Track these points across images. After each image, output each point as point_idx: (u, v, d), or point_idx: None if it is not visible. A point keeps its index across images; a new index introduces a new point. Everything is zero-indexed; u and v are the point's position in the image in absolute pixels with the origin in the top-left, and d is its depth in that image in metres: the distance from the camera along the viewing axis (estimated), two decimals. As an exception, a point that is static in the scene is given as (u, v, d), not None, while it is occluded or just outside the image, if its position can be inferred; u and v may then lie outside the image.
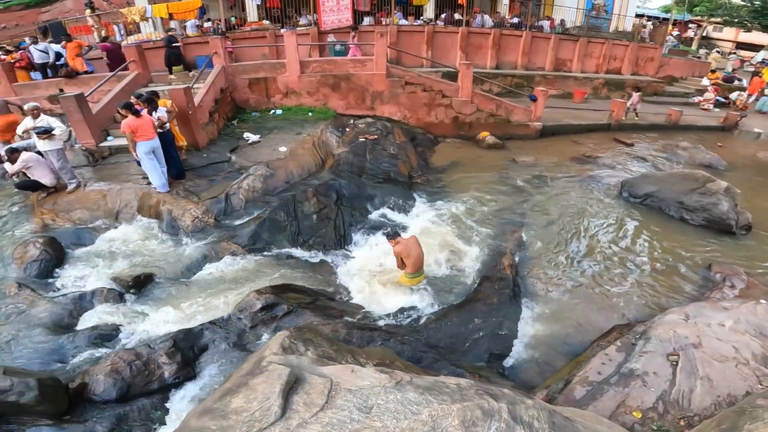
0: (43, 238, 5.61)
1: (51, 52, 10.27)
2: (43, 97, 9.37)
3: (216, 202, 6.29)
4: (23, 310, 4.63)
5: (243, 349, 4.13)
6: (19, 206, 6.64)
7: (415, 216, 6.92)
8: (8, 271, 5.31)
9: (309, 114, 9.54)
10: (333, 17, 12.59)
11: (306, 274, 5.39)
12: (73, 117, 7.14)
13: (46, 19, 21.49)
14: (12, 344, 4.20)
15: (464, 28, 13.71)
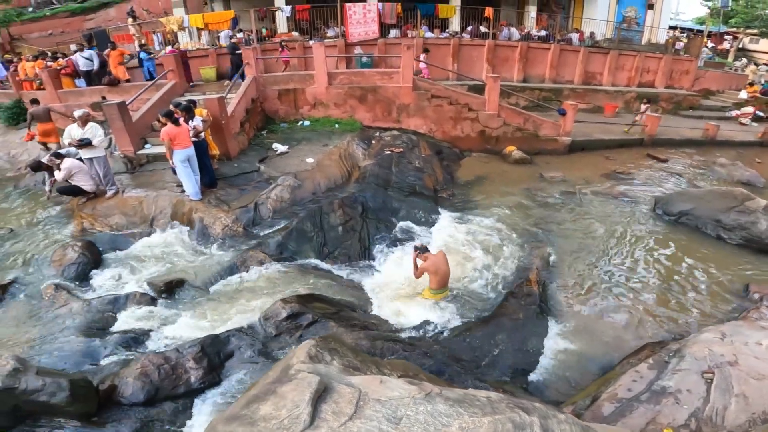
0: (81, 242, 5.94)
1: (95, 60, 10.89)
2: (86, 104, 9.83)
3: (245, 212, 6.53)
4: (59, 311, 4.89)
5: (268, 356, 4.24)
6: (60, 210, 7.09)
7: (440, 230, 6.96)
8: (46, 272, 5.62)
9: (336, 126, 9.79)
10: (360, 29, 12.95)
11: (331, 284, 5.50)
12: (115, 124, 7.61)
13: (90, 26, 22.74)
14: (46, 344, 4.42)
15: (491, 41, 13.83)
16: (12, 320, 4.82)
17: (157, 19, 17.68)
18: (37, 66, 11.44)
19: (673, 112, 15.22)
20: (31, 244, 6.27)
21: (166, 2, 22.50)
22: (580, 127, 11.48)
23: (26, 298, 5.18)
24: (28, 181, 8.37)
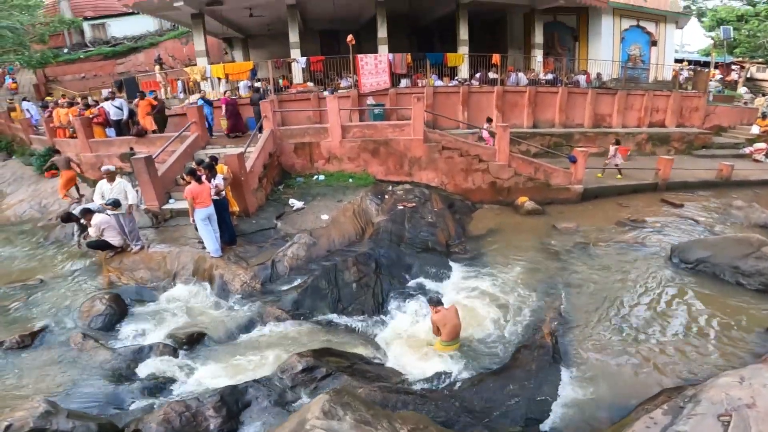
0: (108, 295, 6.65)
1: (125, 109, 11.80)
2: (115, 155, 10.84)
3: (263, 269, 7.21)
4: (86, 358, 5.47)
5: (283, 407, 4.70)
6: (89, 263, 7.89)
7: (452, 285, 7.46)
8: (75, 322, 6.30)
9: (350, 180, 10.51)
10: (372, 80, 13.98)
11: (345, 338, 6.03)
12: (142, 178, 8.41)
13: (120, 71, 24.92)
14: (74, 389, 4.94)
15: (499, 87, 14.67)
16: (41, 365, 5.40)
17: (181, 67, 19.41)
18: (71, 113, 12.47)
19: (685, 152, 15.74)
20: (61, 295, 7.00)
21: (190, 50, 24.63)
22: (592, 174, 12.02)
23: (56, 344, 5.82)
24: (59, 232, 9.30)
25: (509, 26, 19.28)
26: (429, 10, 16.98)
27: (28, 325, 6.20)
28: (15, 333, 5.86)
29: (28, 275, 7.71)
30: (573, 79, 16.48)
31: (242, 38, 20.59)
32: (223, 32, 19.07)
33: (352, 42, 13.11)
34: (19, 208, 11.32)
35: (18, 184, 12.97)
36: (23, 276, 7.70)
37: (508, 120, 14.36)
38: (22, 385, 5.00)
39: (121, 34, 27.86)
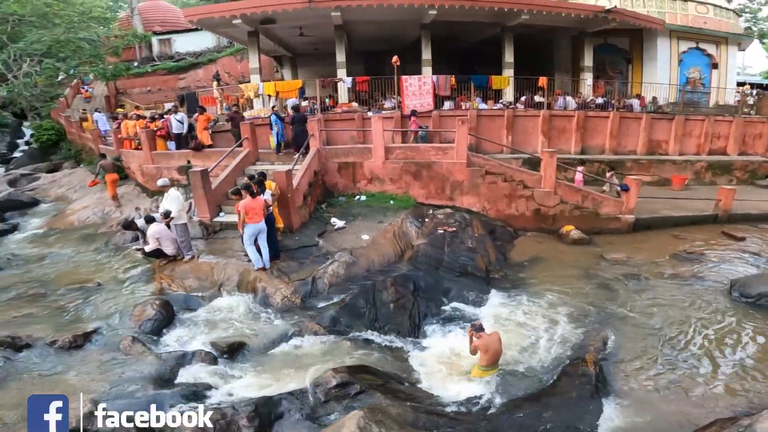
0: (159, 300, 7.13)
1: (185, 123, 12.62)
2: (174, 167, 11.67)
3: (303, 284, 7.54)
4: (133, 361, 5.82)
5: (314, 421, 4.85)
6: (144, 269, 8.49)
7: (490, 310, 7.48)
8: (126, 325, 6.76)
9: (391, 202, 10.74)
10: (415, 101, 14.16)
11: (379, 357, 6.17)
12: (197, 191, 9.02)
13: (182, 86, 26.64)
14: (119, 391, 5.15)
15: (546, 111, 14.51)
16: (90, 365, 5.76)
17: (236, 83, 20.61)
18: (138, 125, 13.48)
19: (748, 182, 14.96)
20: (116, 298, 7.58)
21: (244, 67, 26.13)
22: (644, 203, 11.61)
23: (105, 346, 6.21)
24: (118, 238, 10.10)
25: (556, 49, 19.22)
26: (472, 33, 17.22)
27: (82, 325, 6.68)
28: (69, 333, 6.29)
29: (87, 278, 8.38)
30: (626, 104, 16.09)
31: (291, 57, 21.56)
32: (275, 50, 20.01)
33: (396, 63, 13.50)
34: (83, 213, 12.32)
35: (84, 191, 14.14)
36: (82, 278, 8.38)
37: (554, 145, 14.18)
38: (70, 385, 5.29)
39: (184, 50, 29.88)
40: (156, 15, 31.40)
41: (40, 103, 21.97)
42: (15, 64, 19.73)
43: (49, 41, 19.95)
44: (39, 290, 7.95)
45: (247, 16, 13.29)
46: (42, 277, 8.60)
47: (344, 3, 12.86)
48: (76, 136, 19.22)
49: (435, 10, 13.41)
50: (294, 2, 12.89)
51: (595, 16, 14.95)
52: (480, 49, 18.79)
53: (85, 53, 21.41)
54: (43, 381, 5.36)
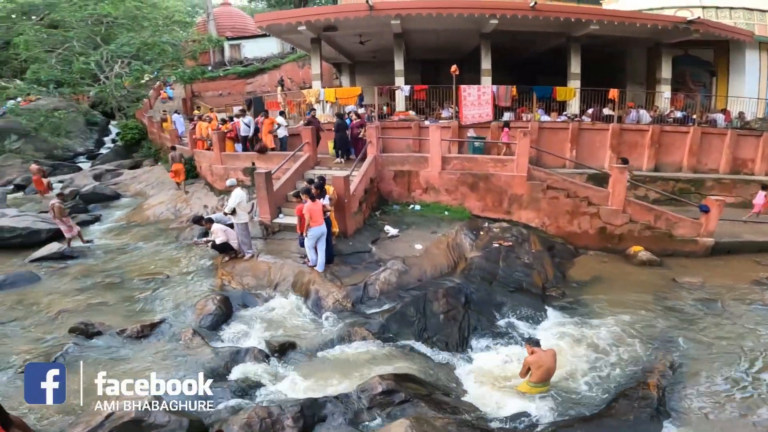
0: (219, 296, 7.54)
1: (251, 127, 13.25)
2: (239, 168, 12.33)
3: (355, 289, 7.68)
4: (191, 354, 6.15)
5: (356, 426, 4.91)
6: (209, 265, 8.97)
7: (545, 328, 7.28)
8: (188, 318, 7.18)
9: (445, 213, 10.65)
10: (474, 111, 13.93)
11: (426, 367, 6.14)
12: (260, 192, 9.51)
13: (249, 90, 28.06)
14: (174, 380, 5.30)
15: (615, 124, 13.78)
16: (153, 354, 6.19)
17: (298, 89, 21.39)
18: (210, 127, 14.40)
19: None
20: (181, 291, 8.08)
21: (305, 73, 27.08)
22: (726, 226, 10.70)
23: (169, 337, 6.63)
24: (187, 233, 10.80)
25: (629, 59, 18.19)
26: (535, 43, 16.76)
27: (149, 316, 7.17)
28: (137, 323, 6.78)
29: (157, 270, 9.00)
30: (708, 118, 14.90)
31: (350, 64, 21.95)
32: (335, 57, 20.48)
33: (456, 72, 13.38)
34: (158, 209, 13.27)
35: (160, 188, 15.29)
36: (153, 270, 9.02)
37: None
38: (133, 373, 5.64)
39: (251, 55, 31.37)
40: (228, 21, 33.29)
41: (127, 103, 23.77)
42: (107, 65, 21.48)
43: (138, 44, 21.57)
44: (114, 279, 8.65)
45: (311, 22, 13.80)
46: (118, 267, 9.35)
47: (404, 11, 13.02)
48: (156, 136, 20.85)
49: (496, 20, 13.24)
50: (355, 10, 13.23)
51: (674, 27, 14.02)
52: (542, 59, 18.26)
53: (168, 56, 22.93)
54: (107, 368, 5.75)
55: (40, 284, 8.46)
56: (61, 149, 23.83)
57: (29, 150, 22.89)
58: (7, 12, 28.58)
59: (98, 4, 22.51)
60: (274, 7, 37.41)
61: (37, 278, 8.64)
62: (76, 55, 21.24)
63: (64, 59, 21.53)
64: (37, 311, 7.39)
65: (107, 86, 21.39)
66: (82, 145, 25.45)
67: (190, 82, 25.53)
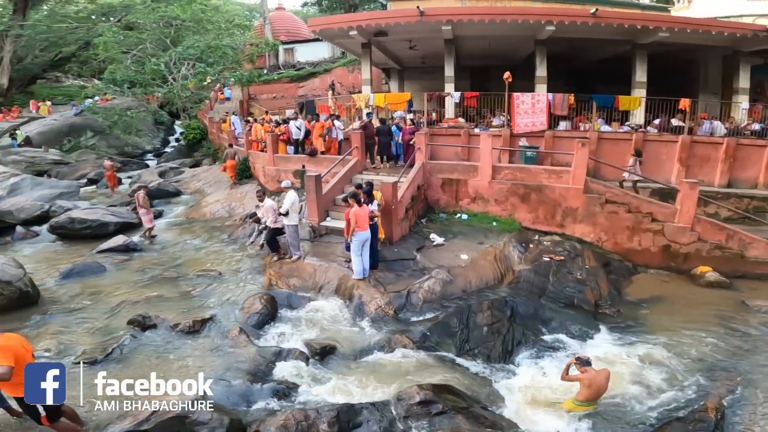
0: (266, 296, 7.77)
1: (303, 130, 13.65)
2: (290, 170, 12.67)
3: (398, 297, 7.71)
4: (236, 351, 6.32)
5: None
6: (258, 264, 9.30)
7: (596, 345, 7.06)
8: (236, 316, 7.40)
9: (493, 223, 10.45)
10: (527, 120, 13.51)
11: (465, 379, 6.08)
12: (309, 194, 9.77)
13: (301, 93, 28.98)
14: (219, 378, 5.61)
15: (686, 136, 12.88)
16: (202, 350, 6.41)
17: (348, 93, 21.72)
18: (264, 130, 14.94)
19: None
20: (231, 289, 8.40)
21: (355, 78, 27.49)
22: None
23: (217, 334, 6.83)
24: (240, 232, 11.26)
25: (703, 68, 16.96)
26: (594, 50, 16.11)
27: (200, 312, 7.44)
28: (189, 318, 7.07)
29: (211, 267, 9.41)
30: (790, 131, 13.52)
31: (399, 69, 22.08)
32: (384, 63, 20.66)
33: (509, 79, 13.08)
34: (214, 207, 13.94)
35: (216, 186, 16.05)
36: (207, 267, 9.43)
37: (693, 175, 12.49)
38: (182, 367, 5.90)
39: (303, 59, 32.46)
40: (282, 25, 34.53)
41: (191, 104, 25.16)
42: (174, 66, 22.78)
43: (202, 46, 22.77)
44: (171, 273, 9.13)
45: (362, 27, 14.00)
46: (176, 261, 9.88)
47: (455, 17, 12.94)
48: (215, 136, 21.97)
49: (553, 26, 12.84)
50: (406, 15, 13.24)
51: (754, 35, 12.92)
52: (602, 66, 17.48)
53: (229, 59, 23.99)
54: (159, 361, 6.07)
55: (105, 275, 9.06)
56: (131, 146, 25.79)
57: (103, 146, 24.99)
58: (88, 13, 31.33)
59: (168, 6, 24.09)
60: (325, 12, 38.57)
61: (103, 269, 9.27)
62: (148, 56, 22.76)
63: (137, 60, 23.10)
64: (100, 301, 7.88)
65: (174, 87, 22.69)
66: (150, 144, 27.39)
67: (248, 84, 26.48)
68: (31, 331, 6.79)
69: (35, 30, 28.41)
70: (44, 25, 29.18)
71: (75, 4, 34.92)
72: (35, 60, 32.21)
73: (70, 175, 19.42)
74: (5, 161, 19.25)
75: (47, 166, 20.24)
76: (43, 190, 14.97)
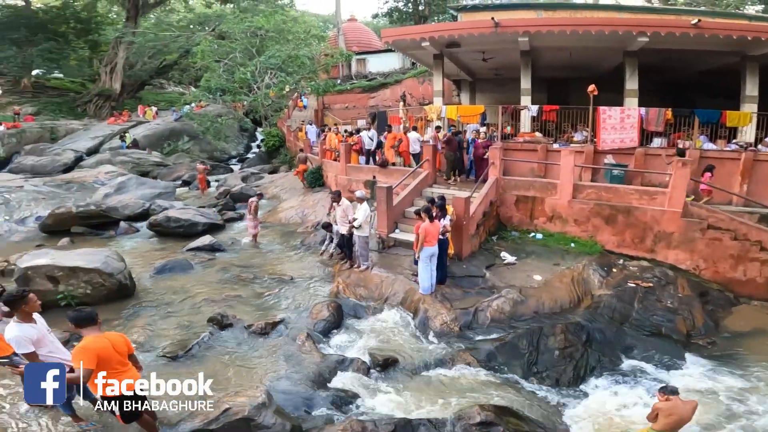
0: (333, 303, 8.08)
1: (375, 140, 13.98)
2: (361, 180, 13.07)
3: (464, 314, 7.68)
4: (302, 356, 6.57)
5: None
6: (327, 272, 9.70)
7: (683, 377, 6.64)
8: (304, 321, 7.73)
9: (572, 245, 10.00)
10: (614, 136, 12.70)
11: (530, 402, 5.94)
12: (380, 206, 10.01)
13: (372, 104, 29.85)
14: (283, 382, 5.85)
15: None
16: (270, 352, 6.75)
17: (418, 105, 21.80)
18: (338, 139, 15.59)
19: None
20: (301, 294, 8.80)
21: (425, 89, 27.60)
22: None
23: (285, 337, 7.17)
24: (311, 239, 11.82)
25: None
26: (693, 62, 14.77)
27: (272, 314, 7.86)
28: (262, 320, 7.37)
29: (284, 271, 9.94)
30: None
31: (470, 81, 21.77)
32: (456, 74, 20.49)
33: (594, 92, 12.41)
34: (289, 213, 14.78)
35: (291, 193, 16.97)
36: (280, 271, 9.98)
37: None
38: (252, 367, 6.21)
39: (375, 70, 33.35)
40: (354, 36, 35.83)
41: (272, 112, 26.67)
42: (258, 75, 24.21)
43: (283, 56, 24.08)
44: (249, 275, 9.73)
45: (434, 39, 14.09)
46: (253, 264, 10.54)
47: (533, 28, 12.61)
48: (292, 144, 23.24)
49: (646, 38, 12.06)
50: (480, 27, 13.13)
51: None
52: (700, 78, 16.00)
53: (306, 69, 25.06)
54: (230, 362, 6.40)
55: (192, 272, 9.91)
56: (219, 151, 28.18)
57: (196, 150, 27.57)
58: (187, 22, 34.70)
59: (254, 17, 25.94)
60: (396, 23, 39.38)
61: (191, 266, 10.14)
62: (237, 65, 24.55)
63: (227, 69, 25.01)
64: (186, 297, 8.56)
65: (258, 96, 24.29)
66: (235, 149, 29.67)
67: (323, 94, 27.55)
68: (124, 322, 7.47)
69: (144, 38, 32.05)
70: (152, 32, 32.88)
71: (176, 13, 39.08)
72: (144, 67, 36.27)
73: (167, 177, 21.68)
74: (115, 161, 22.03)
75: (149, 167, 22.79)
76: (145, 190, 16.94)
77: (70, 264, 7.99)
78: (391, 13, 41.43)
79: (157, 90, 42.81)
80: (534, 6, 20.06)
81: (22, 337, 4.07)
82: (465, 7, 20.83)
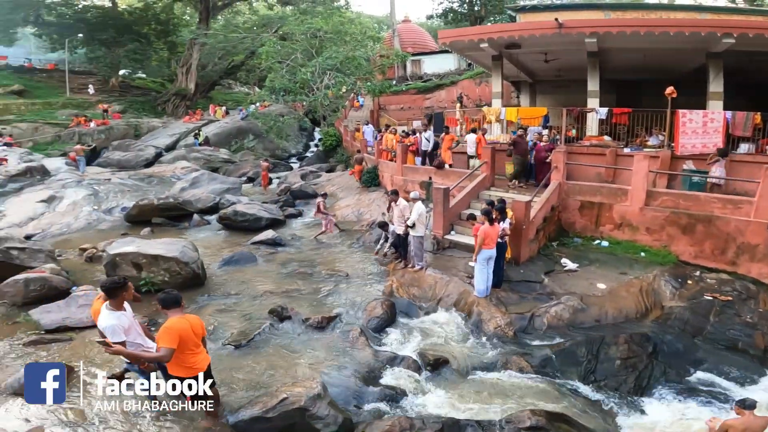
0: (387, 302, 8.28)
1: (431, 141, 14.06)
2: (417, 181, 13.20)
3: (520, 318, 7.65)
4: (355, 352, 6.74)
5: None
6: (382, 271, 9.94)
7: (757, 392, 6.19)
8: (359, 317, 7.97)
9: (641, 254, 9.57)
10: (695, 140, 11.95)
11: (584, 410, 5.84)
12: (437, 207, 10.13)
13: (427, 105, 29.90)
14: (335, 375, 6.03)
15: None
16: (325, 346, 7.02)
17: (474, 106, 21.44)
18: (395, 139, 15.87)
19: None
20: (356, 291, 9.05)
21: (482, 90, 27.11)
22: None
23: (340, 332, 7.43)
24: (367, 237, 12.12)
25: None
26: None
27: (328, 309, 8.14)
28: (319, 314, 7.66)
29: (340, 268, 10.29)
30: None
31: (530, 83, 21.27)
32: (515, 76, 20.09)
33: (673, 95, 11.73)
34: (345, 211, 15.19)
35: (348, 192, 17.43)
36: (336, 267, 10.33)
37: None
38: (308, 359, 6.47)
39: (430, 71, 33.25)
40: (409, 37, 35.86)
41: (330, 112, 27.38)
42: (318, 76, 24.92)
43: (341, 57, 24.72)
44: (307, 270, 10.18)
45: (493, 40, 13.97)
46: (311, 259, 11.01)
47: (602, 29, 12.19)
48: (348, 144, 23.84)
49: (732, 39, 11.36)
50: (542, 27, 12.89)
51: None
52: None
53: (362, 70, 25.66)
54: (288, 353, 6.67)
55: (255, 265, 10.53)
56: (280, 150, 29.52)
57: (259, 149, 29.10)
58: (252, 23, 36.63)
59: (313, 19, 26.87)
60: (451, 24, 39.06)
61: (254, 259, 10.78)
62: (298, 66, 25.45)
63: (289, 70, 25.98)
64: (250, 288, 9.09)
65: (318, 96, 25.03)
66: (295, 148, 30.93)
67: (379, 95, 27.98)
68: (195, 310, 7.77)
69: (215, 39, 34.29)
70: (221, 34, 35.10)
71: (242, 15, 41.30)
72: (215, 67, 38.89)
73: (234, 173, 23.09)
74: (189, 157, 23.85)
75: (219, 164, 24.52)
76: (216, 185, 18.24)
77: (153, 252, 8.75)
78: (446, 13, 41.20)
79: (226, 90, 45.54)
80: (601, 6, 19.33)
81: (118, 326, 4.22)
82: (524, 8, 20.47)
